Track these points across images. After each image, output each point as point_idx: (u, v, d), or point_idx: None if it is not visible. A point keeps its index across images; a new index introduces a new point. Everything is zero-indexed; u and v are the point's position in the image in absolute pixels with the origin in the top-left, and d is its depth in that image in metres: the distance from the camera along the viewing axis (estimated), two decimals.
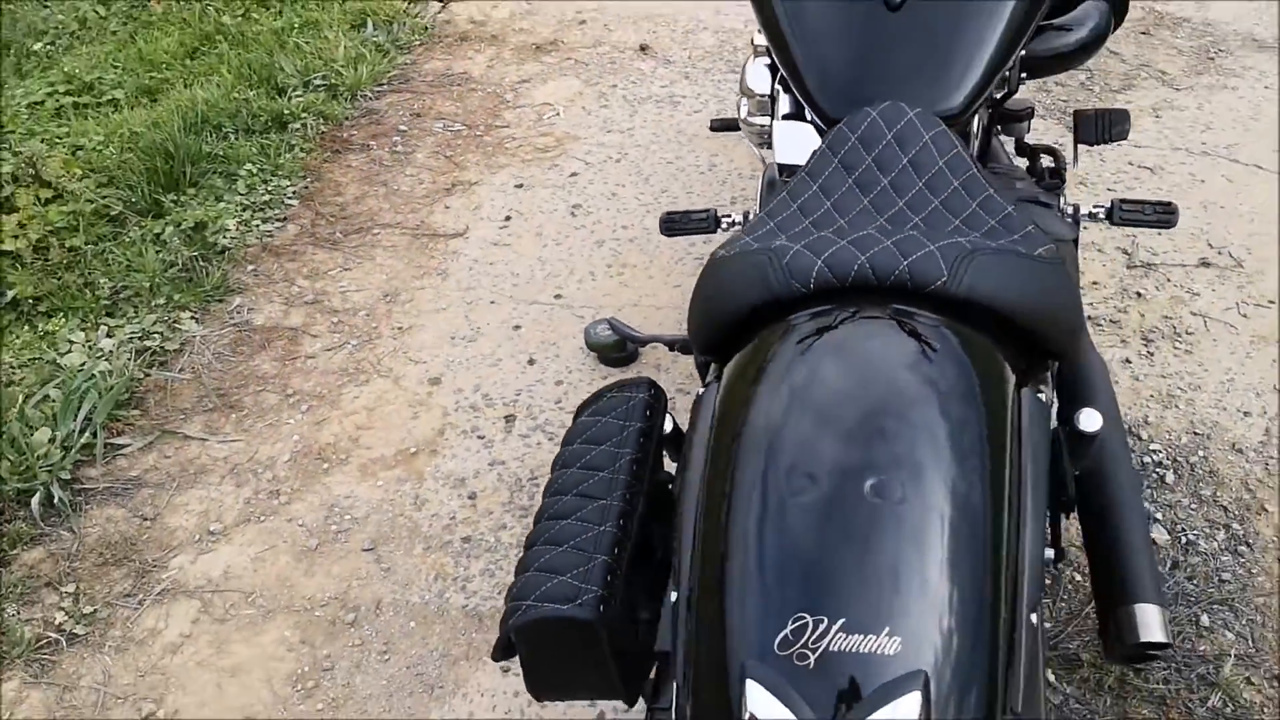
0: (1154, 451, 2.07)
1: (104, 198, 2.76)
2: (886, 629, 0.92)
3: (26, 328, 2.45)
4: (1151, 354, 2.27)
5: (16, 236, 2.62)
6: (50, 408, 2.19)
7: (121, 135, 2.96)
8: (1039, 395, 1.23)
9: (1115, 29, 2.00)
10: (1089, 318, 2.36)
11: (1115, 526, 1.53)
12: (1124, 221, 2.14)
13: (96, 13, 4.01)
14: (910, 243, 1.25)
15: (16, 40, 4.05)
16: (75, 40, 3.87)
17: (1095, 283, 2.44)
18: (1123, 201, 2.11)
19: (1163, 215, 2.13)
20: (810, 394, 1.11)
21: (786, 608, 0.94)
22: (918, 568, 0.97)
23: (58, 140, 3.04)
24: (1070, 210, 2.11)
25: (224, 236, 2.65)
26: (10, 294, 2.51)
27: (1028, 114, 2.15)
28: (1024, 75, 1.86)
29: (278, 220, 2.74)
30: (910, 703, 0.89)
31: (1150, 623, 1.43)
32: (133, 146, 2.89)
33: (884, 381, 1.12)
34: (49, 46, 3.93)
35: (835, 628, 0.92)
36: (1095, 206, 2.12)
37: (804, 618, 0.93)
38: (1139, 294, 2.41)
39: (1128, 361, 2.26)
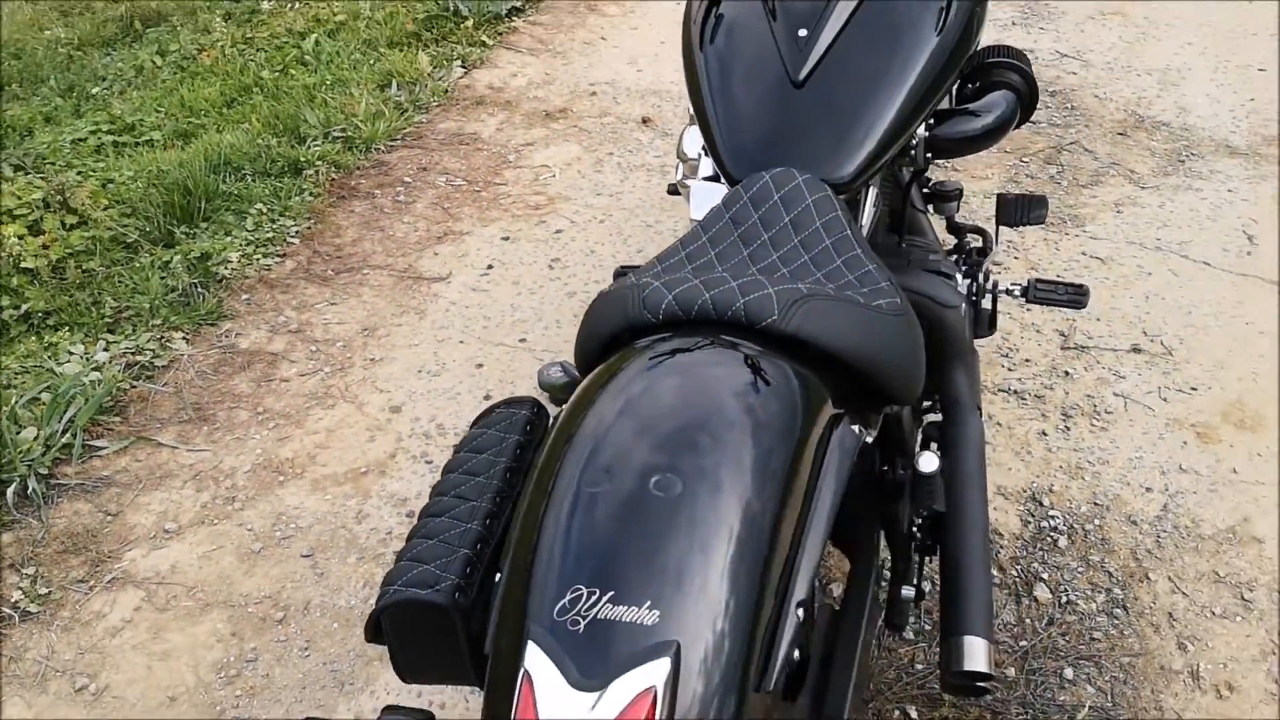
0: (1052, 517, 2.17)
1: (123, 226, 2.99)
2: (648, 603, 1.05)
3: (34, 338, 2.66)
4: (1068, 429, 2.37)
5: (38, 256, 2.85)
6: (40, 409, 2.39)
7: (150, 172, 3.21)
8: (853, 429, 1.34)
9: (1023, 122, 2.14)
10: (1015, 392, 2.47)
11: (958, 565, 1.65)
12: (1038, 300, 2.27)
13: (153, 62, 4.31)
14: (753, 285, 1.40)
15: (80, 84, 4.37)
16: (129, 86, 4.17)
17: (1028, 360, 2.56)
18: (1039, 281, 2.24)
19: (1074, 296, 2.26)
20: (627, 404, 1.26)
21: (566, 581, 1.08)
22: (685, 554, 1.09)
23: (92, 173, 3.29)
24: (989, 285, 2.24)
25: (225, 267, 2.87)
26: (24, 307, 2.73)
27: (956, 195, 2.27)
28: (930, 155, 1.99)
29: (278, 256, 2.95)
30: (660, 667, 1.02)
31: (974, 654, 1.55)
32: (158, 182, 3.13)
33: (693, 396, 1.26)
34: (105, 90, 4.23)
35: (604, 599, 1.05)
36: (1013, 284, 2.25)
37: (580, 589, 1.06)
38: (1067, 373, 2.52)
39: (1044, 434, 2.36)
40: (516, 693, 1.04)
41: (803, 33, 1.79)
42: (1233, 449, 2.31)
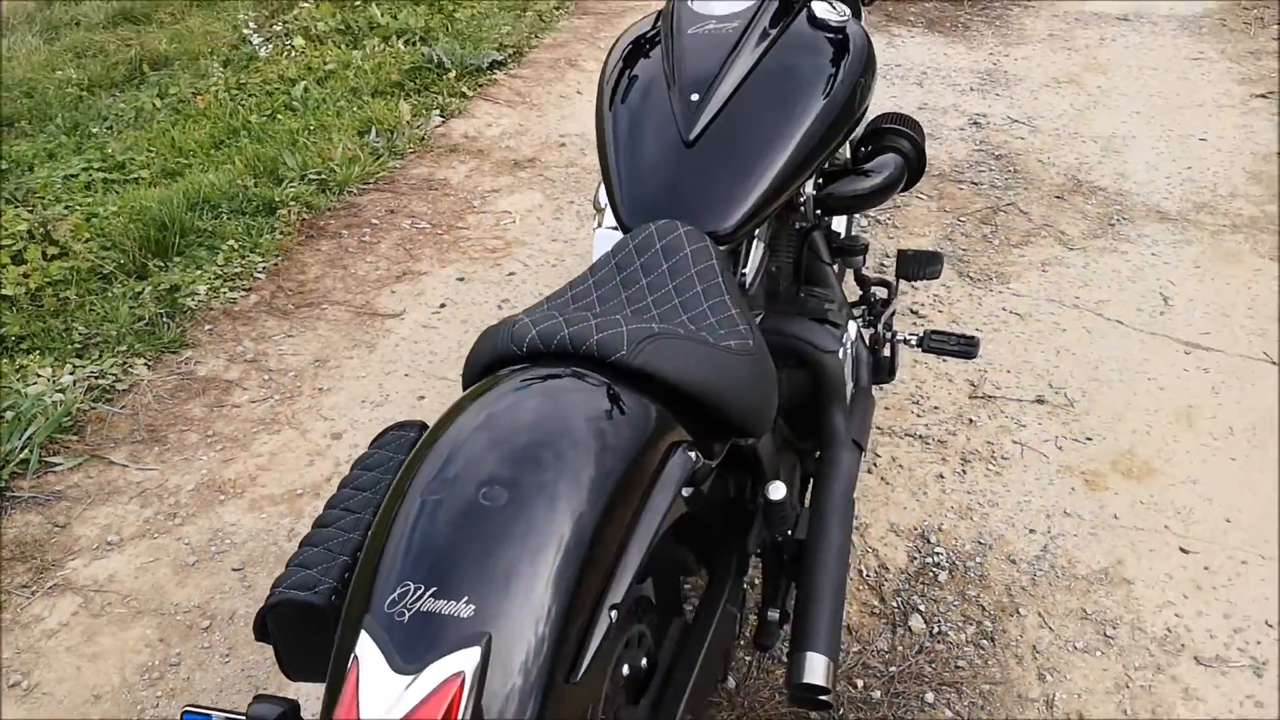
0: (937, 554, 2.31)
1: (101, 258, 3.18)
2: (465, 598, 1.20)
3: (6, 360, 2.84)
4: (964, 472, 2.51)
5: (18, 284, 3.05)
6: (3, 427, 2.57)
7: (132, 208, 3.40)
8: (690, 455, 1.49)
9: (910, 185, 2.31)
10: (920, 436, 2.61)
11: (811, 586, 1.80)
12: (931, 349, 2.43)
13: (153, 104, 4.53)
14: (610, 324, 1.55)
15: (84, 123, 4.59)
16: (128, 126, 4.39)
17: (936, 407, 2.70)
18: (933, 332, 2.40)
19: (965, 347, 2.42)
20: (475, 425, 1.41)
21: (399, 577, 1.23)
22: (503, 557, 1.24)
23: (79, 207, 3.49)
24: (888, 334, 2.40)
25: (192, 299, 3.05)
26: (3, 332, 2.92)
27: (862, 249, 2.42)
28: (819, 211, 2.16)
29: (243, 289, 3.14)
30: (470, 655, 1.16)
31: (814, 669, 1.69)
32: (138, 218, 3.33)
33: (533, 419, 1.42)
34: (106, 130, 4.45)
35: (428, 594, 1.20)
36: (910, 334, 2.41)
37: (409, 585, 1.21)
38: (971, 420, 2.66)
39: (941, 477, 2.50)
40: (345, 674, 1.19)
41: (695, 97, 1.95)
42: (1117, 496, 2.44)
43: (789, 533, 1.87)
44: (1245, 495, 2.43)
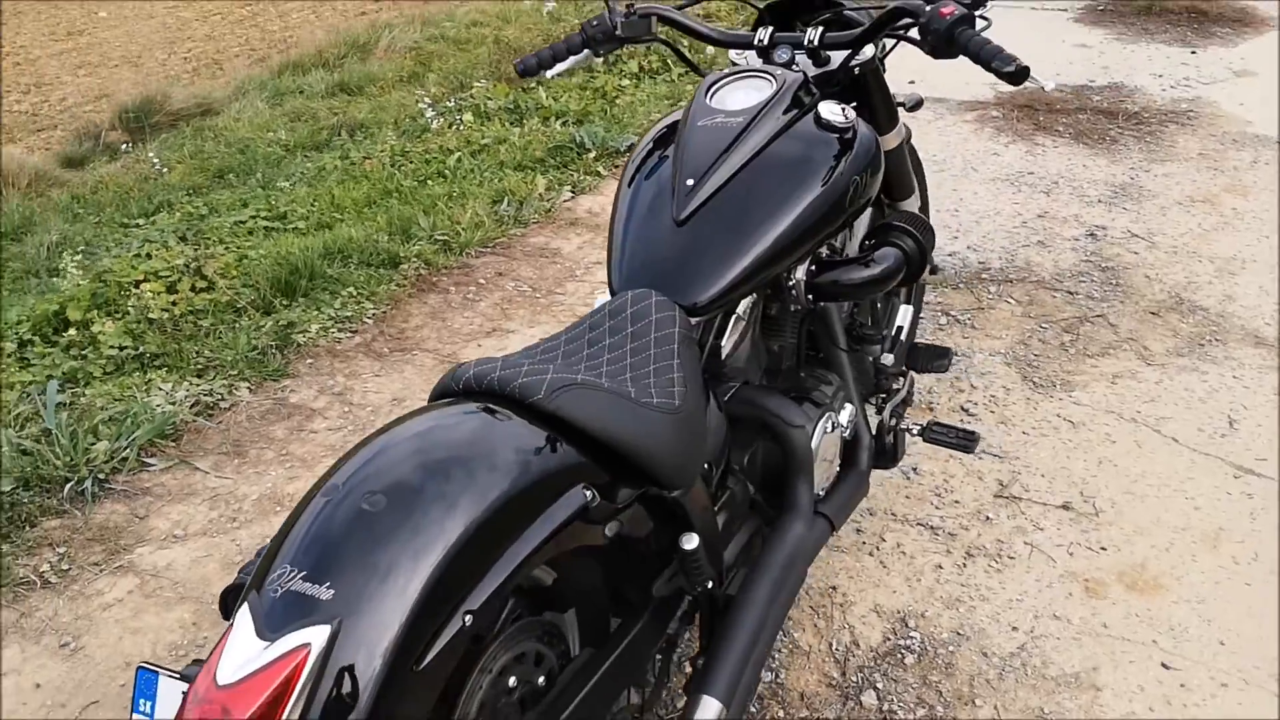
0: (911, 638, 2.37)
1: (238, 294, 3.59)
2: (328, 583, 1.41)
3: (139, 373, 3.25)
4: (965, 566, 2.56)
5: (165, 310, 3.48)
6: (116, 428, 2.95)
7: (278, 253, 3.82)
8: (585, 493, 1.66)
9: (908, 282, 2.41)
10: (932, 527, 2.67)
11: (724, 637, 1.93)
12: (931, 440, 2.52)
13: (333, 165, 5.02)
14: (538, 371, 1.75)
15: (276, 178, 5.12)
16: (308, 183, 4.88)
17: (957, 501, 2.75)
18: (935, 423, 2.50)
19: (964, 441, 2.50)
20: (385, 443, 1.64)
21: (282, 560, 1.46)
22: (369, 553, 1.44)
23: (236, 249, 3.94)
24: (892, 422, 2.51)
25: (303, 336, 3.41)
26: (140, 348, 3.34)
27: (879, 339, 2.54)
28: (810, 297, 2.29)
29: (350, 331, 3.48)
30: (320, 631, 1.36)
31: (706, 711, 1.82)
32: (280, 261, 3.73)
33: (436, 441, 1.63)
34: (290, 185, 4.96)
35: (299, 575, 1.42)
36: (914, 424, 2.51)
37: (286, 567, 1.44)
38: (988, 518, 2.70)
39: (939, 567, 2.56)
40: (221, 638, 1.42)
41: (690, 182, 2.14)
42: (1113, 606, 2.44)
43: (714, 585, 2.00)
44: (1248, 621, 2.39)
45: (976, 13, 2.26)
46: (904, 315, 3.15)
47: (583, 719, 1.80)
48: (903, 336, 3.11)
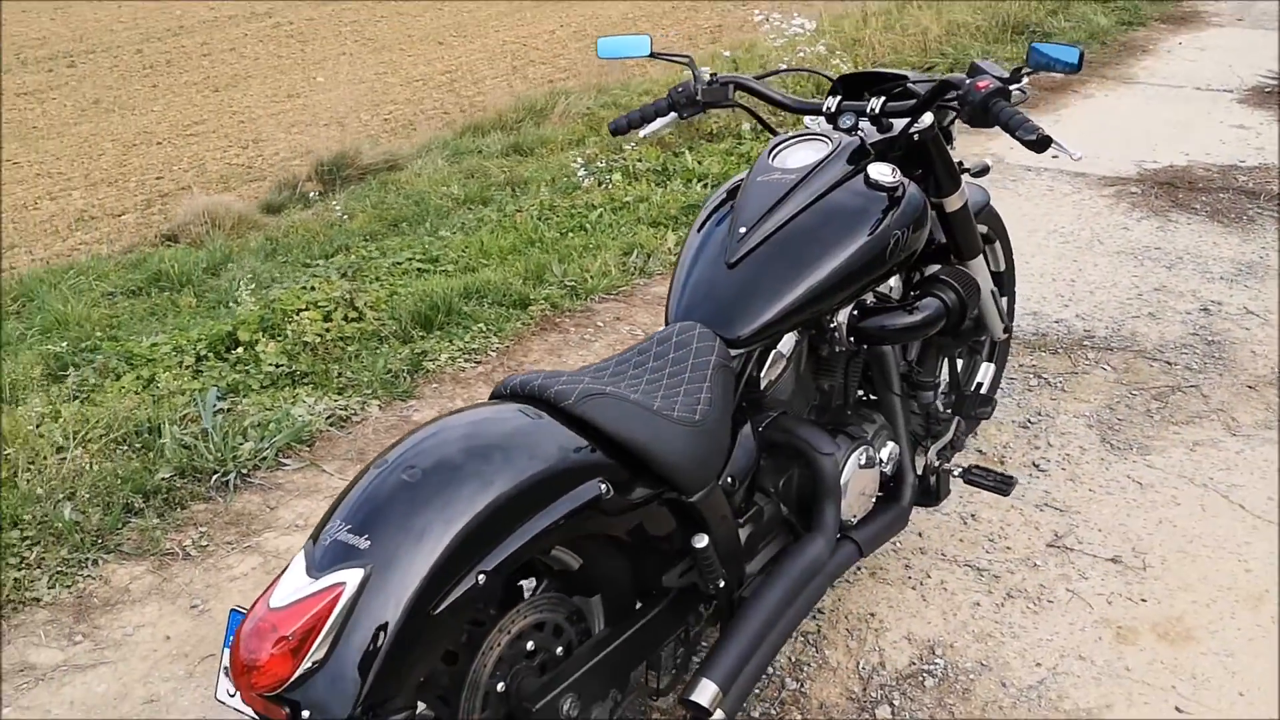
0: (935, 663, 2.53)
1: (383, 325, 4.01)
2: (366, 535, 1.73)
3: (289, 389, 3.69)
4: (1003, 605, 2.70)
5: (319, 335, 3.92)
6: (261, 432, 3.37)
7: (423, 291, 4.23)
8: (601, 486, 1.93)
9: (948, 332, 2.60)
10: (979, 568, 2.82)
11: (734, 631, 2.16)
12: (970, 482, 2.70)
13: (490, 217, 5.46)
14: (575, 381, 2.05)
15: (441, 227, 5.58)
16: (464, 232, 5.32)
17: (1009, 547, 2.89)
18: (975, 466, 2.69)
19: (1000, 484, 2.68)
20: (436, 428, 1.95)
21: (336, 517, 1.78)
22: (404, 514, 1.75)
23: (388, 286, 4.38)
24: (936, 464, 2.69)
25: (433, 364, 3.79)
26: (294, 367, 3.78)
27: (932, 386, 2.73)
28: (852, 339, 2.51)
29: (475, 362, 3.85)
30: (355, 573, 1.68)
31: (702, 691, 2.07)
32: (424, 299, 4.14)
33: (476, 429, 1.94)
34: (451, 234, 5.41)
35: (346, 528, 1.75)
36: (955, 465, 2.68)
37: (339, 522, 1.76)
38: (1036, 565, 2.83)
39: (977, 604, 2.70)
40: (279, 574, 1.75)
41: (742, 230, 2.41)
42: (1140, 653, 2.54)
43: (734, 588, 2.23)
44: (1272, 676, 2.46)
45: (1013, 87, 2.46)
46: (985, 372, 3.32)
47: (591, 689, 2.04)
48: (982, 392, 3.27)
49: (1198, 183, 5.42)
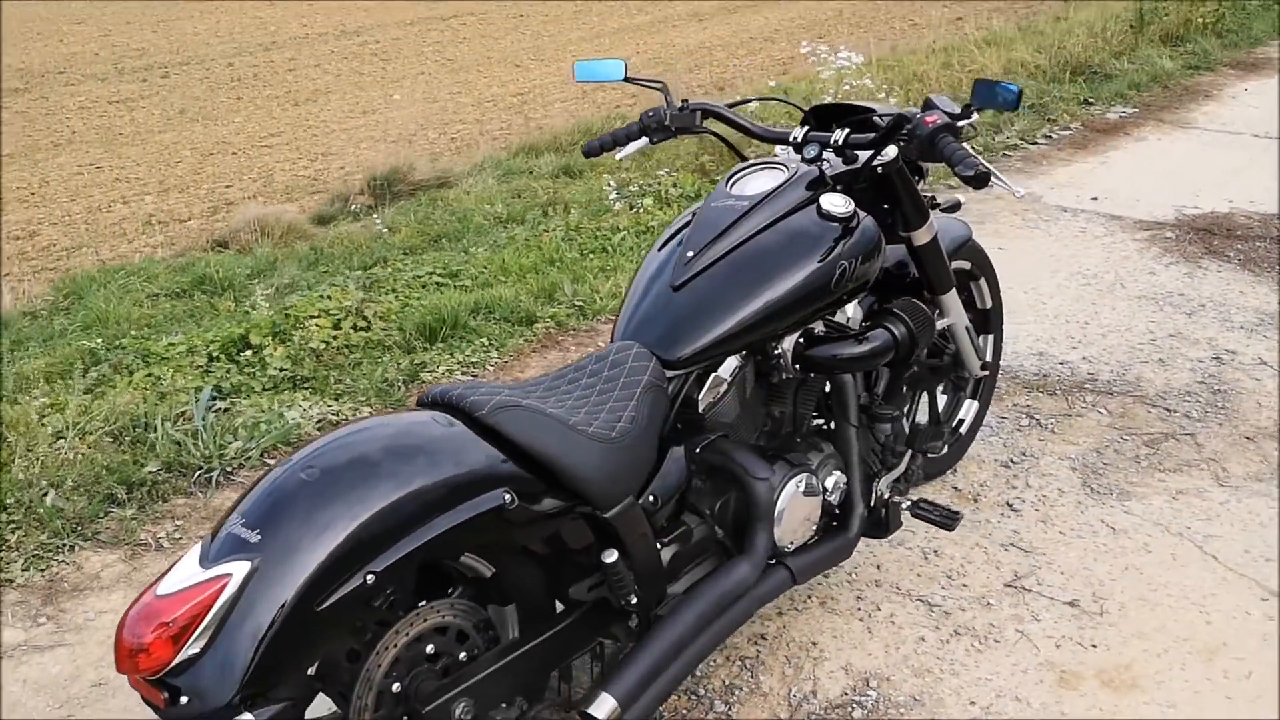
0: (867, 695, 2.52)
1: (389, 336, 4.10)
2: (258, 530, 1.79)
3: (289, 392, 3.79)
4: (947, 642, 2.68)
5: (324, 343, 4.02)
6: (250, 432, 3.47)
7: (434, 304, 4.32)
8: (505, 496, 1.97)
9: (896, 364, 2.60)
10: (931, 604, 2.80)
11: (642, 649, 2.18)
12: (916, 515, 2.70)
13: (524, 236, 5.54)
14: (490, 392, 2.09)
15: (476, 244, 5.68)
16: (494, 248, 5.41)
17: (965, 584, 2.87)
18: (921, 500, 2.68)
19: (945, 519, 2.68)
20: (349, 430, 2.02)
21: (234, 511, 1.85)
22: (296, 512, 1.82)
23: (402, 298, 4.47)
24: (883, 496, 2.68)
25: (429, 375, 3.87)
26: (297, 372, 3.88)
27: (893, 418, 2.72)
28: (798, 366, 2.53)
29: (471, 374, 3.91)
30: (242, 565, 1.75)
31: (600, 705, 2.09)
32: (432, 312, 4.23)
33: (385, 434, 1.99)
34: (481, 251, 5.50)
35: (240, 522, 1.81)
36: (903, 498, 2.68)
37: (236, 516, 1.83)
38: (990, 604, 2.80)
39: (922, 639, 2.69)
40: (175, 562, 1.82)
41: (690, 254, 2.45)
42: (1081, 698, 2.51)
43: (653, 605, 2.25)
44: None
45: (962, 122, 2.46)
46: (968, 409, 3.30)
47: (490, 695, 2.08)
48: (963, 430, 3.25)
49: (1236, 230, 5.31)
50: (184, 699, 1.72)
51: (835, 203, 2.51)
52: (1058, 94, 7.58)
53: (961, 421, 3.37)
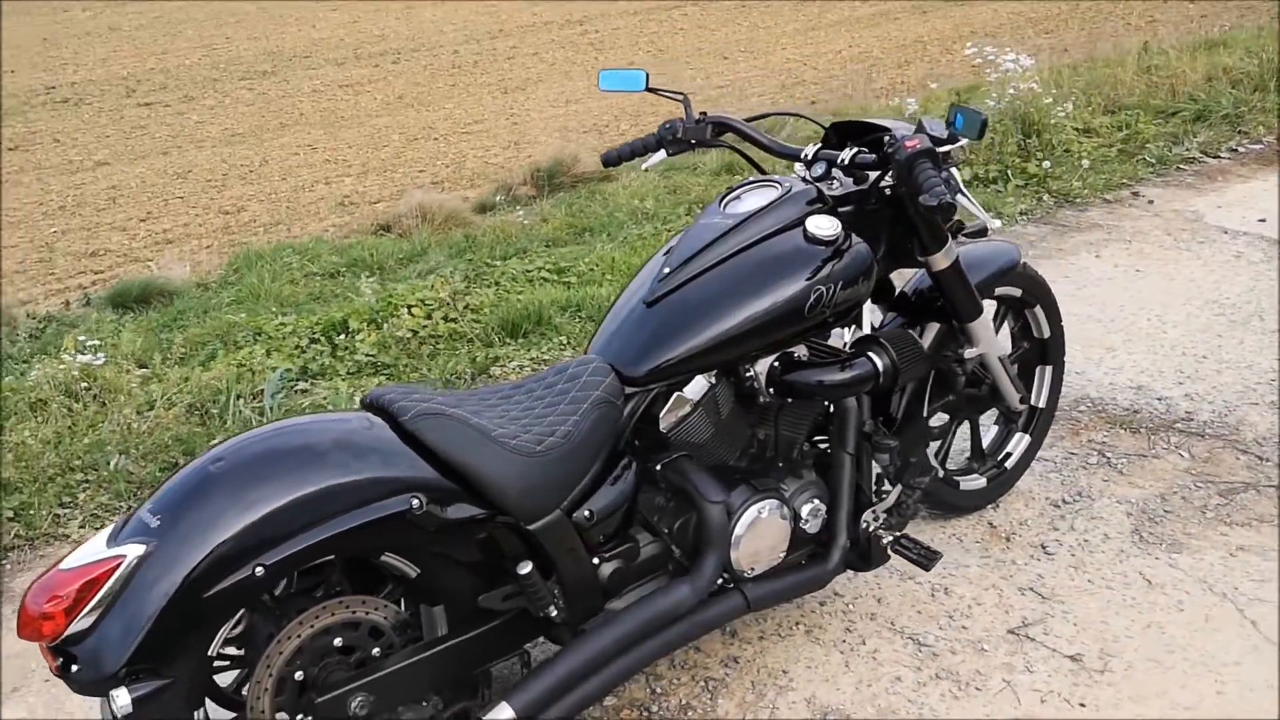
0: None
1: (473, 330, 4.22)
2: (159, 516, 1.92)
3: (368, 377, 3.96)
4: (924, 684, 2.57)
5: (413, 331, 4.18)
6: (313, 411, 3.65)
7: (528, 300, 4.42)
8: (414, 500, 2.04)
9: (876, 393, 2.52)
10: (922, 643, 2.69)
11: (557, 660, 2.22)
12: (896, 551, 2.62)
13: (650, 233, 5.58)
14: (423, 399, 2.17)
15: (609, 241, 5.76)
16: (620, 245, 5.47)
17: (965, 628, 2.74)
18: (903, 536, 2.61)
19: (923, 558, 2.60)
20: (273, 429, 2.12)
21: (150, 496, 1.98)
22: (196, 503, 1.94)
23: (502, 292, 4.59)
24: (868, 529, 2.61)
25: (499, 368, 3.98)
26: (380, 358, 4.05)
27: (891, 449, 2.65)
28: (771, 390, 2.48)
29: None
30: (137, 548, 1.88)
31: (499, 713, 2.13)
32: (522, 308, 4.33)
33: (301, 433, 2.09)
34: (604, 245, 5.57)
35: (147, 508, 1.95)
36: (886, 533, 2.61)
37: (149, 501, 1.96)
38: (984, 649, 2.67)
39: (899, 679, 2.59)
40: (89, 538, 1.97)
41: (666, 270, 2.46)
42: None
43: (568, 617, 2.27)
44: None
45: (945, 148, 2.36)
46: (1018, 443, 3.16)
47: (393, 692, 2.14)
48: (1009, 464, 3.12)
49: None
50: (74, 667, 1.86)
51: (821, 225, 2.45)
52: (1258, 104, 7.02)
53: (1008, 455, 3.22)
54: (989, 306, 3.07)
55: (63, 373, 3.79)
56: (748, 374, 2.47)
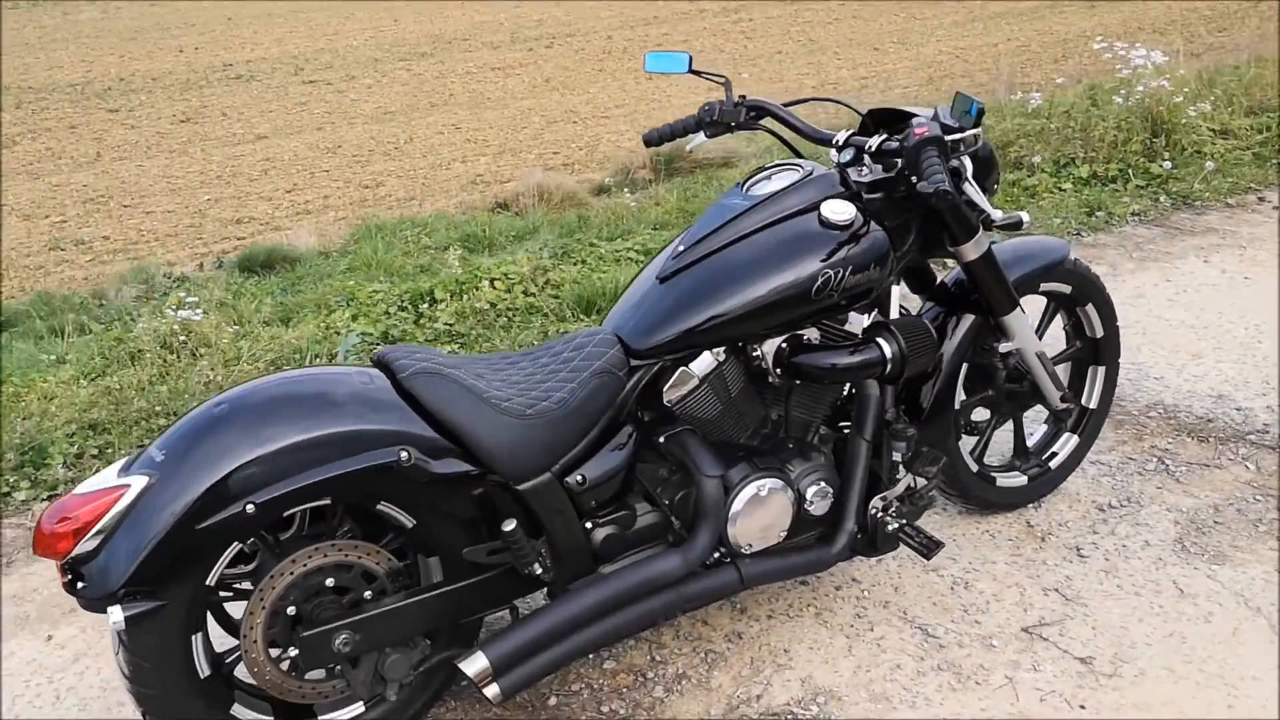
0: (808, 710, 2.47)
1: (548, 305, 4.32)
2: (163, 453, 2.07)
3: (442, 346, 4.10)
4: (924, 674, 2.55)
5: (491, 304, 4.31)
6: None
7: (609, 279, 4.50)
8: (403, 454, 2.14)
9: (887, 382, 2.51)
10: (932, 634, 2.67)
11: (535, 617, 2.30)
12: (900, 538, 2.61)
13: None
14: (425, 359, 2.27)
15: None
16: None
17: (979, 623, 2.71)
18: (908, 525, 2.62)
19: (925, 547, 2.61)
20: (274, 378, 2.26)
21: (164, 433, 2.14)
22: (197, 441, 2.08)
23: (588, 270, 4.68)
24: (876, 515, 2.62)
25: None
26: (456, 328, 4.19)
27: (909, 438, 2.64)
28: (779, 371, 2.51)
29: None
30: (141, 479, 2.03)
31: (473, 662, 2.23)
32: (602, 288, 4.41)
33: (305, 383, 2.22)
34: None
35: (158, 443, 2.10)
36: (891, 519, 2.62)
37: (162, 437, 2.12)
38: (993, 645, 2.64)
39: (898, 667, 2.58)
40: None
41: (681, 248, 2.51)
42: None
43: (555, 576, 2.34)
44: None
45: (953, 136, 2.35)
46: (1066, 443, 3.11)
47: (378, 633, 2.25)
48: (1053, 464, 3.08)
49: None
50: (80, 584, 2.02)
51: (836, 209, 2.46)
52: None
53: (1054, 455, 3.16)
54: (1038, 302, 3.02)
55: (165, 326, 4.03)
56: (754, 353, 2.49)
